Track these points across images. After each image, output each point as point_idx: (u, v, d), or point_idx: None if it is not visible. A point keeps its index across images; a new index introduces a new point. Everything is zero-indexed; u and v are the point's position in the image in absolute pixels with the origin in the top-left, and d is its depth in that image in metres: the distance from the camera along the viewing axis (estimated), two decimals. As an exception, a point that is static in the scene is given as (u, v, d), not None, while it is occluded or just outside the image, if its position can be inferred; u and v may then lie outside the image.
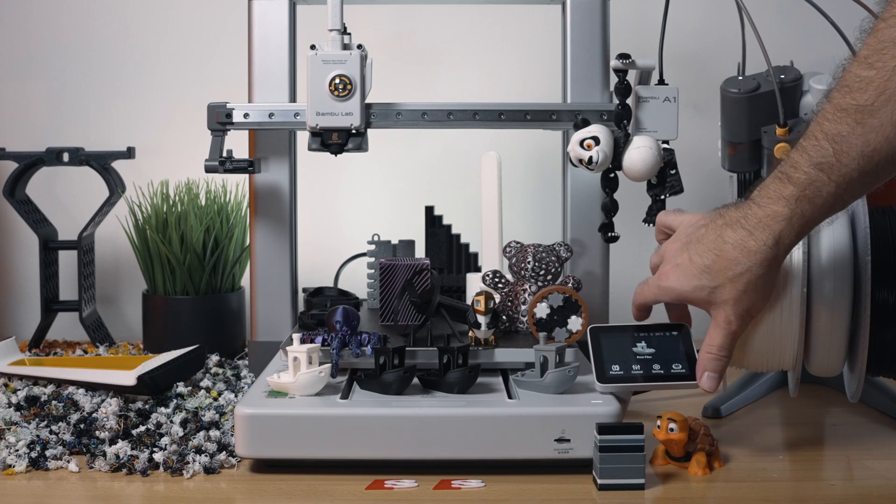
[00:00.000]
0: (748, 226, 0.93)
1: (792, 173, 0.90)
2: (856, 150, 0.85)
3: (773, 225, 0.92)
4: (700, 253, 0.96)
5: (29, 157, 1.51)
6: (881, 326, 1.05)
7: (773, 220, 0.91)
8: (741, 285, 0.94)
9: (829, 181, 0.88)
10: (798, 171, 0.89)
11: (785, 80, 1.14)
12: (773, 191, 0.92)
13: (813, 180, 0.88)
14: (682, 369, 1.01)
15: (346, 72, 1.17)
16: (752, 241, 0.93)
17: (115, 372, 1.19)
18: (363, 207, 1.68)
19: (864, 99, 0.84)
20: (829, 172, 0.87)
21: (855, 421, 1.17)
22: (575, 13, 1.27)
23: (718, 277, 0.94)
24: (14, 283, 1.70)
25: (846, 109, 0.85)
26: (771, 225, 0.92)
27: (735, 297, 0.95)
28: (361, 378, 1.04)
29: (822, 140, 0.87)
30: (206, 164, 1.18)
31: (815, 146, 0.88)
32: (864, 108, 0.84)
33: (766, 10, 1.57)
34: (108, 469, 0.99)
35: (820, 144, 0.87)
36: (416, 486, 0.95)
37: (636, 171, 1.17)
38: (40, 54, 1.67)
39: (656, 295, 1.00)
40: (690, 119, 1.62)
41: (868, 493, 0.94)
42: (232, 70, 1.56)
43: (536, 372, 1.04)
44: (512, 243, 1.21)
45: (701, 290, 0.96)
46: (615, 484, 0.93)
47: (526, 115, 1.22)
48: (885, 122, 0.83)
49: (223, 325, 1.44)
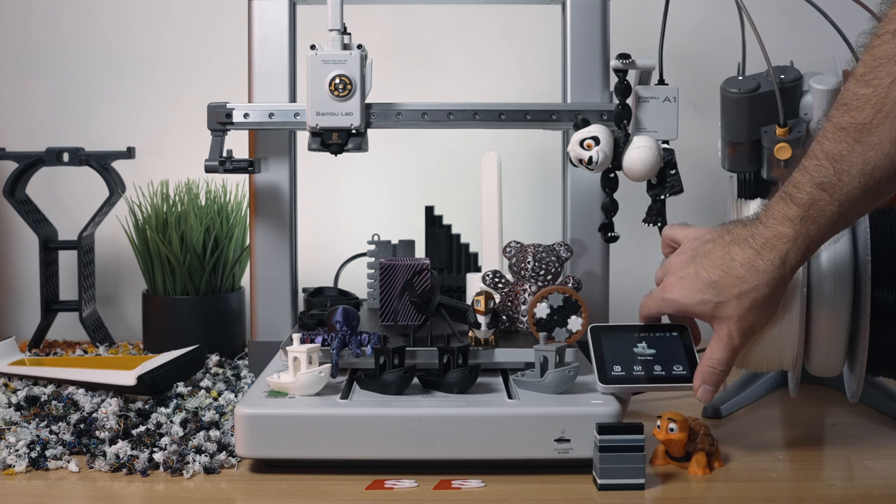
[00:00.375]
0: (755, 245, 0.93)
1: (795, 193, 0.90)
2: (856, 168, 0.85)
3: (779, 245, 0.92)
4: (707, 267, 0.96)
5: (29, 157, 1.51)
6: (881, 326, 1.05)
7: (779, 240, 0.92)
8: (747, 303, 0.94)
9: (832, 200, 0.88)
10: (801, 192, 0.89)
11: (785, 80, 1.14)
12: (778, 211, 0.92)
13: (816, 200, 0.89)
14: (682, 371, 1.01)
15: (346, 72, 1.17)
16: (760, 260, 0.93)
17: (115, 372, 1.19)
18: (363, 207, 1.68)
19: (862, 117, 0.84)
20: (831, 192, 0.88)
21: (855, 421, 1.17)
22: (575, 13, 1.27)
23: (724, 293, 0.95)
24: (14, 283, 1.70)
25: (845, 128, 0.85)
26: (777, 245, 0.92)
27: (740, 314, 0.95)
28: (361, 378, 1.04)
29: (823, 160, 0.87)
30: (206, 164, 1.18)
31: (816, 166, 0.88)
32: (862, 127, 0.84)
33: (766, 10, 1.57)
34: (108, 469, 0.99)
35: (821, 164, 0.88)
36: (416, 486, 0.95)
37: (636, 171, 1.17)
38: (40, 54, 1.67)
39: (660, 307, 1.01)
40: (690, 119, 1.62)
41: (868, 493, 0.94)
42: (232, 70, 1.56)
43: (536, 372, 1.04)
44: (512, 243, 1.21)
45: (705, 305, 0.96)
46: (615, 484, 0.93)
47: (526, 115, 1.22)
48: (884, 139, 0.83)
49: (223, 325, 1.44)
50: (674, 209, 1.54)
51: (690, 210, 1.64)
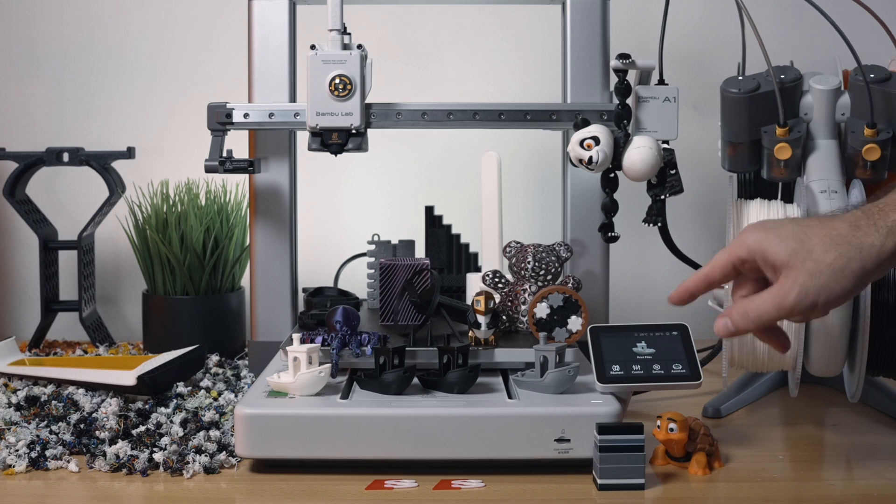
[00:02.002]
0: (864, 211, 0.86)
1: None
2: None
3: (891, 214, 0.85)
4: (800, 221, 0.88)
5: (29, 157, 1.51)
6: (881, 326, 1.05)
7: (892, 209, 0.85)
8: (829, 258, 0.84)
9: None
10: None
11: (785, 80, 1.14)
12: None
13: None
14: (682, 369, 1.01)
15: (346, 72, 1.17)
16: (865, 221, 0.85)
17: (115, 372, 1.19)
18: (363, 207, 1.68)
19: None
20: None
21: (855, 421, 1.17)
22: (575, 13, 1.27)
23: (810, 241, 0.85)
24: (14, 283, 1.70)
25: None
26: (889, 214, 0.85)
27: (813, 270, 0.83)
28: (361, 378, 1.04)
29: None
30: (206, 164, 1.18)
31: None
32: None
33: (766, 10, 1.57)
34: (108, 469, 0.99)
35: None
36: (416, 486, 0.95)
37: (636, 171, 1.17)
38: (40, 54, 1.67)
39: (731, 248, 0.89)
40: (690, 119, 1.62)
41: (868, 493, 0.94)
42: (232, 70, 1.56)
43: (536, 372, 1.04)
44: (512, 243, 1.21)
45: (784, 245, 0.85)
46: (615, 484, 0.93)
47: (526, 115, 1.22)
48: None
49: (223, 325, 1.44)
50: (674, 209, 1.54)
51: (690, 210, 1.64)
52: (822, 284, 0.83)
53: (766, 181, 1.19)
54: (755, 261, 0.87)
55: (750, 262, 0.88)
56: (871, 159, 1.10)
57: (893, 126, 1.11)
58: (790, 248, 0.85)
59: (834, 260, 0.83)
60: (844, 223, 0.85)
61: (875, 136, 1.10)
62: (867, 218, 0.85)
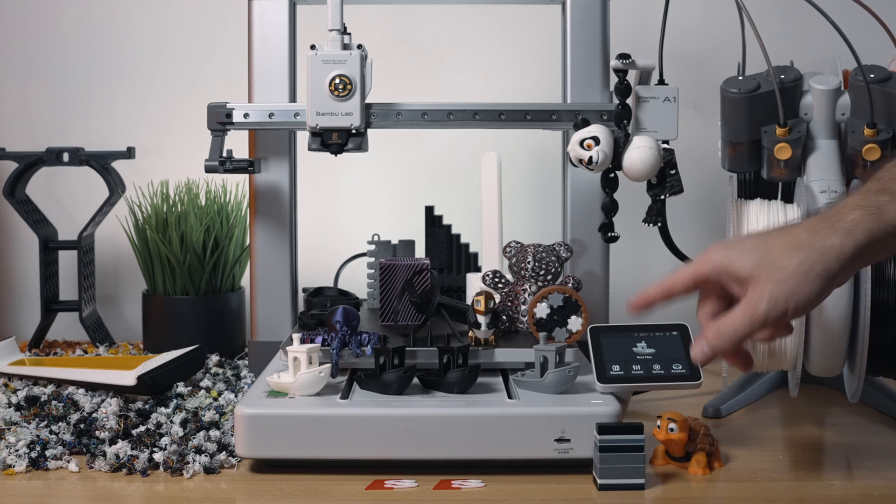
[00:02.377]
0: (822, 213, 0.88)
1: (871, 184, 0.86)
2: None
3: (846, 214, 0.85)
4: (761, 234, 0.89)
5: (29, 157, 1.51)
6: (881, 326, 1.05)
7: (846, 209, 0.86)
8: (792, 264, 0.84)
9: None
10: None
11: (785, 80, 1.14)
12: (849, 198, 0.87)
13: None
14: (682, 369, 1.01)
15: (346, 72, 1.17)
16: (822, 224, 0.86)
17: (115, 372, 1.19)
18: (363, 207, 1.68)
19: None
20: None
21: (855, 421, 1.17)
22: (575, 13, 1.27)
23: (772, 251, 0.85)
24: (14, 283, 1.70)
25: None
26: (844, 214, 0.85)
27: (779, 278, 0.84)
28: (361, 378, 1.04)
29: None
30: (206, 164, 1.18)
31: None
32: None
33: (766, 10, 1.57)
34: (108, 469, 0.99)
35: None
36: (416, 486, 0.95)
37: (636, 171, 1.17)
38: (40, 54, 1.67)
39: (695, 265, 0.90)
40: (690, 119, 1.62)
41: (868, 493, 0.94)
42: (232, 70, 1.55)
43: (536, 372, 1.04)
44: (512, 243, 1.21)
45: (747, 258, 0.86)
46: (615, 484, 0.93)
47: (526, 115, 1.22)
48: None
49: (223, 325, 1.44)
50: (674, 209, 1.54)
51: (690, 210, 1.64)
52: (790, 290, 0.84)
53: (766, 181, 1.19)
54: (719, 278, 0.89)
55: (713, 279, 0.89)
56: (871, 159, 1.10)
57: (893, 126, 1.11)
58: (754, 261, 0.86)
59: (797, 265, 0.84)
60: (803, 229, 0.87)
61: (875, 136, 1.10)
62: (825, 222, 0.86)
